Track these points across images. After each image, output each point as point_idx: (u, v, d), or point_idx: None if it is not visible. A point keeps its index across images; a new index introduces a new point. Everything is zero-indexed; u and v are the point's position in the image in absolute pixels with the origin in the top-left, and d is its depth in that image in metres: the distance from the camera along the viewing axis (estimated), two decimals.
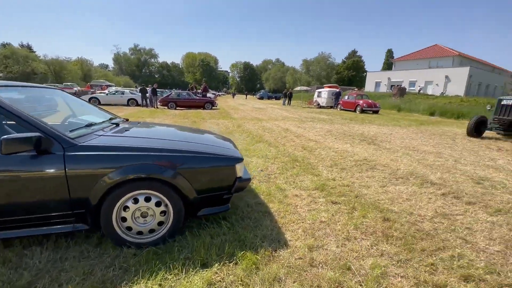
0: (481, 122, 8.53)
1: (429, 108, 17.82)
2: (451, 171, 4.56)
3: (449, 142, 7.58)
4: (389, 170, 4.47)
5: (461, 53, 35.76)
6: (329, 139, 7.47)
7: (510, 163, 5.40)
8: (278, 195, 3.26)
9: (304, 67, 75.61)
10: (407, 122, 12.50)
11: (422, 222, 2.66)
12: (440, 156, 5.73)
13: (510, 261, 2.06)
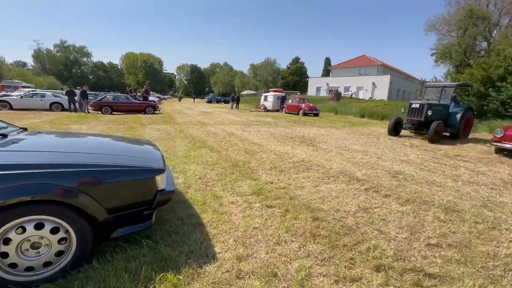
0: (398, 123, 9.92)
1: (360, 111, 20.08)
2: (374, 167, 5.12)
3: (374, 141, 8.58)
4: (323, 170, 4.77)
5: (383, 63, 41.53)
6: (272, 142, 7.67)
7: (418, 157, 6.37)
8: (213, 204, 3.12)
9: (251, 71, 77.40)
10: (342, 124, 13.80)
11: (346, 218, 2.86)
12: (366, 154, 6.41)
13: (413, 246, 2.35)
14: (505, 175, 5.02)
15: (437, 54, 30.88)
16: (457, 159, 6.40)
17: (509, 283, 1.90)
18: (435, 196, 3.64)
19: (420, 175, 4.71)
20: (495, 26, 30.02)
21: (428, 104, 9.01)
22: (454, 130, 9.39)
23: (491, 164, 5.90)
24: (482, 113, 13.18)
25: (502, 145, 6.73)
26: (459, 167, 5.48)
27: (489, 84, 12.86)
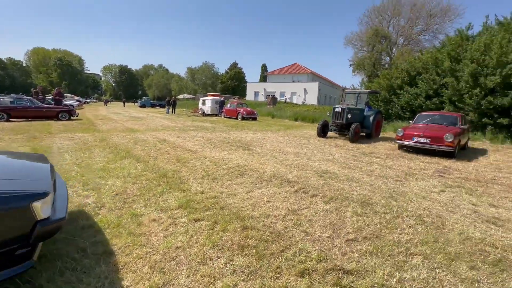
0: (325, 125, 10.92)
1: (294, 115, 21.54)
2: (304, 168, 5.40)
3: (306, 143, 9.20)
4: (257, 174, 4.76)
5: (312, 71, 45.85)
6: (207, 148, 7.38)
7: (341, 156, 7.07)
8: (130, 225, 2.69)
9: (189, 75, 74.93)
10: (278, 127, 14.47)
11: (276, 223, 2.84)
12: (298, 156, 6.77)
13: (335, 244, 2.46)
14: (405, 167, 5.98)
15: (353, 65, 35.79)
16: (371, 156, 7.35)
17: (410, 267, 2.14)
18: (354, 192, 4.02)
19: (343, 173, 5.19)
20: (394, 45, 36.75)
21: (348, 108, 10.19)
22: (368, 130, 10.87)
23: (395, 159, 6.98)
24: (388, 116, 15.77)
25: (403, 142, 8.07)
26: (372, 163, 6.28)
27: (391, 92, 15.50)
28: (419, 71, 14.40)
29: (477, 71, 11.60)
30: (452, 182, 4.86)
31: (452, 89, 12.36)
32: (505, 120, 10.94)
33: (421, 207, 3.50)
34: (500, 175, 5.65)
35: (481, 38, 12.60)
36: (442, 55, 13.57)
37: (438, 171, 5.80)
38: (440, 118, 8.78)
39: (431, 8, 34.96)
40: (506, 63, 10.83)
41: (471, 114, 11.85)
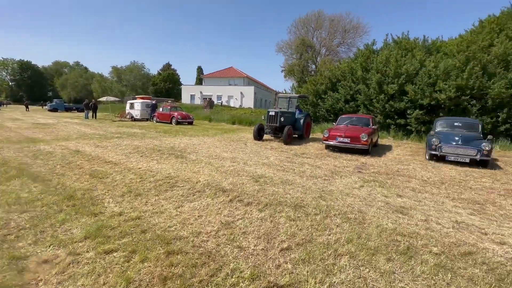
0: (260, 128, 11.17)
1: (231, 118, 21.55)
2: (240, 174, 5.27)
3: (242, 147, 9.18)
4: (189, 185, 4.39)
5: (248, 76, 47.05)
6: (133, 158, 6.52)
7: (277, 158, 7.27)
8: (6, 275, 1.99)
9: (114, 75, 67.09)
10: (215, 132, 14.14)
11: (207, 241, 2.58)
12: (235, 161, 6.64)
13: (269, 256, 2.36)
14: (332, 166, 6.53)
15: (285, 71, 38.35)
16: (303, 156, 7.80)
17: (339, 270, 2.20)
18: (288, 195, 4.09)
19: (277, 176, 5.28)
20: (318, 54, 41.06)
21: (280, 112, 10.66)
22: (300, 132, 11.62)
23: (323, 159, 7.59)
24: (316, 118, 17.36)
25: (328, 142, 8.88)
26: (304, 164, 6.64)
27: (318, 96, 17.13)
28: (338, 78, 16.31)
29: (381, 80, 13.83)
30: (368, 177, 5.51)
31: (364, 94, 14.41)
32: (402, 121, 13.37)
33: (345, 204, 3.78)
34: (402, 167, 6.75)
35: (383, 52, 15.12)
36: (356, 65, 15.72)
37: (358, 167, 6.53)
38: (357, 120, 10.03)
39: (345, 24, 40.56)
40: (401, 74, 13.25)
41: (379, 116, 14.04)
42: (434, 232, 2.98)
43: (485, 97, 11.58)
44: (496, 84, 11.10)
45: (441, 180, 5.59)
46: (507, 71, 11.32)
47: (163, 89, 69.26)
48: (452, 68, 12.06)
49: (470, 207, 3.94)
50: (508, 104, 11.11)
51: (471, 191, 4.87)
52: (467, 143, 7.36)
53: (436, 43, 15.34)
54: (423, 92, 12.51)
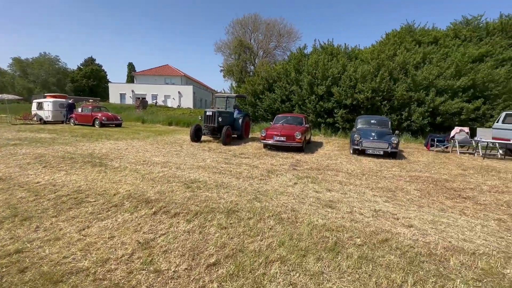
0: (198, 129, 10.61)
1: (168, 119, 20.09)
2: (170, 181, 4.75)
3: (178, 149, 8.50)
4: (104, 199, 3.67)
5: (186, 74, 44.97)
6: (32, 170, 5.23)
7: (214, 160, 6.93)
8: None
9: (16, 68, 55.17)
10: (147, 134, 12.84)
11: (115, 270, 2.09)
12: (166, 166, 6.01)
13: (192, 277, 2.05)
14: (269, 165, 6.57)
15: (224, 71, 38.09)
16: (241, 157, 7.67)
17: (269, 280, 2.04)
18: (221, 200, 3.82)
19: (212, 179, 4.96)
20: (256, 56, 42.14)
21: (218, 112, 10.33)
22: (239, 132, 11.53)
23: (261, 158, 7.61)
24: (255, 118, 17.65)
25: (266, 141, 9.00)
26: (241, 164, 6.50)
27: (256, 96, 17.44)
28: (275, 79, 16.93)
29: (312, 81, 14.92)
30: (302, 174, 5.71)
31: (298, 95, 15.32)
32: (331, 119, 14.72)
33: (280, 204, 3.74)
34: (331, 162, 7.30)
35: (312, 56, 16.36)
36: (289, 67, 16.59)
37: (293, 164, 6.75)
38: (292, 119, 10.50)
39: (280, 28, 42.76)
40: (328, 77, 14.55)
41: (311, 115, 15.13)
42: (357, 223, 3.16)
43: (392, 98, 13.69)
44: (399, 87, 13.26)
45: (362, 171, 6.22)
46: (407, 76, 13.65)
47: (86, 86, 60.50)
48: (368, 73, 13.87)
49: (385, 195, 4.42)
50: (408, 105, 13.40)
51: (385, 180, 5.53)
52: (381, 137, 8.47)
53: (355, 50, 17.45)
54: (346, 93, 14.02)
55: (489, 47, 14.24)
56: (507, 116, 9.85)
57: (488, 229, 3.20)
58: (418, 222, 3.27)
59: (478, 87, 12.49)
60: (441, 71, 13.02)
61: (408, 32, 17.04)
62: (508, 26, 15.23)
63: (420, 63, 14.07)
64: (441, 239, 2.83)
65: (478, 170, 6.93)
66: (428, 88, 13.00)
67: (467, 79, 12.40)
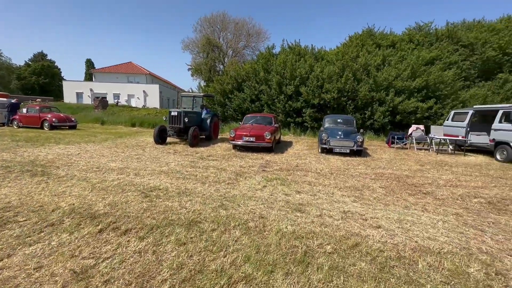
0: (163, 130, 9.94)
1: (130, 120, 18.74)
2: (125, 190, 4.23)
3: (139, 153, 7.82)
4: (38, 217, 3.08)
5: (151, 73, 42.68)
6: None
7: (178, 164, 6.45)
8: None
9: None
10: (105, 136, 11.73)
11: None
12: (123, 172, 5.42)
13: None
14: (237, 167, 6.30)
15: (192, 70, 36.90)
16: (209, 159, 7.29)
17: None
18: (183, 209, 3.46)
19: (175, 186, 4.55)
20: (225, 55, 41.51)
21: (184, 112, 9.78)
22: (207, 133, 11.06)
23: (230, 160, 7.30)
24: (225, 118, 17.24)
25: (235, 142, 8.71)
26: (209, 168, 6.13)
27: (225, 96, 17.03)
28: (244, 79, 16.69)
29: (280, 81, 14.97)
30: (271, 175, 5.53)
31: (267, 95, 15.27)
32: (300, 119, 14.91)
33: (247, 210, 3.49)
34: (300, 161, 7.26)
35: (281, 56, 16.44)
36: (258, 66, 16.47)
37: (262, 166, 6.56)
38: (261, 119, 10.34)
39: (248, 28, 42.65)
40: (296, 76, 14.71)
41: (281, 115, 15.18)
42: (327, 227, 3.03)
43: (356, 98, 14.28)
44: (363, 88, 13.87)
45: (331, 171, 6.25)
46: (369, 77, 14.34)
47: (36, 85, 54.59)
48: (333, 74, 14.29)
49: (353, 194, 4.42)
50: (371, 104, 14.08)
51: (353, 178, 5.59)
52: (347, 136, 8.68)
53: (321, 51, 17.91)
54: (314, 93, 14.29)
55: (439, 52, 15.60)
56: (455, 114, 10.80)
57: (449, 224, 3.29)
58: (385, 222, 3.26)
59: (430, 88, 13.56)
60: (398, 72, 13.90)
61: (369, 35, 17.99)
62: (453, 33, 16.84)
63: (380, 65, 14.89)
64: (408, 239, 2.81)
65: (433, 165, 7.41)
66: (388, 88, 13.79)
67: (421, 80, 13.40)
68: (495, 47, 15.30)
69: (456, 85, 13.78)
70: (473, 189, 5.09)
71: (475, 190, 5.01)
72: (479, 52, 15.76)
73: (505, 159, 8.26)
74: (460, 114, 10.53)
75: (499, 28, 16.35)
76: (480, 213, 3.78)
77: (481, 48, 15.73)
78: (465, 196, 4.64)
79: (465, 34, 16.75)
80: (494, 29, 16.39)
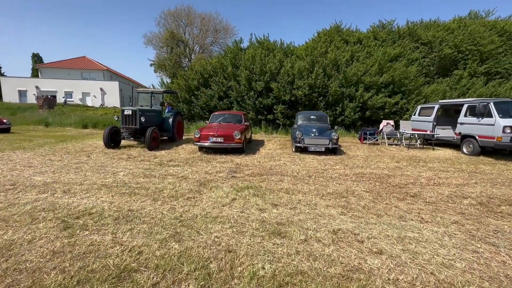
0: (115, 132, 8.49)
1: (82, 121, 16.46)
2: (38, 218, 3.04)
3: (82, 161, 6.42)
4: None
5: (109, 68, 38.96)
6: None
7: (129, 172, 5.28)
8: None
9: None
10: (43, 141, 9.82)
11: None
12: (47, 189, 4.12)
13: None
14: (202, 174, 5.32)
15: (155, 65, 34.41)
16: (169, 165, 6.19)
17: None
18: (116, 247, 2.42)
19: (115, 206, 3.45)
20: (192, 51, 39.45)
21: (140, 110, 8.45)
22: (170, 134, 9.82)
23: (194, 164, 6.28)
24: (192, 116, 15.90)
25: (201, 144, 7.68)
26: (167, 176, 5.07)
27: (191, 93, 15.69)
28: (210, 74, 15.52)
29: (250, 76, 14.12)
30: (242, 183, 4.66)
31: (236, 91, 14.32)
32: (271, 116, 14.24)
33: (210, 241, 2.58)
34: (274, 163, 6.49)
35: (249, 51, 15.58)
36: (226, 61, 15.42)
37: (231, 170, 5.66)
38: (230, 117, 9.38)
39: (215, 24, 41.06)
40: (265, 72, 13.98)
41: (251, 112, 14.36)
42: (318, 262, 2.26)
43: (327, 94, 14.02)
44: (333, 83, 13.64)
45: (308, 173, 5.57)
46: (338, 73, 14.16)
47: None
48: (304, 69, 13.84)
49: (338, 204, 3.74)
50: (341, 100, 13.92)
51: (333, 181, 4.97)
52: (321, 134, 8.15)
53: (290, 47, 17.43)
54: (285, 89, 13.70)
55: (401, 49, 16.02)
56: (422, 109, 10.95)
57: (456, 240, 2.74)
58: (386, 244, 2.59)
59: (396, 84, 13.78)
60: (367, 68, 13.91)
61: (337, 31, 17.95)
62: (413, 31, 17.48)
63: (349, 61, 14.81)
64: (422, 271, 2.15)
65: (409, 162, 7.16)
66: (357, 84, 13.73)
67: (388, 76, 13.54)
68: (451, 45, 16.14)
69: (419, 81, 14.21)
70: (457, 188, 4.76)
71: (459, 189, 4.68)
72: (437, 49, 16.54)
73: (471, 153, 8.39)
74: (426, 109, 10.68)
75: (453, 27, 17.34)
76: (479, 219, 3.33)
77: (438, 46, 16.51)
78: (453, 196, 4.24)
79: (424, 32, 17.49)
80: (449, 28, 17.34)
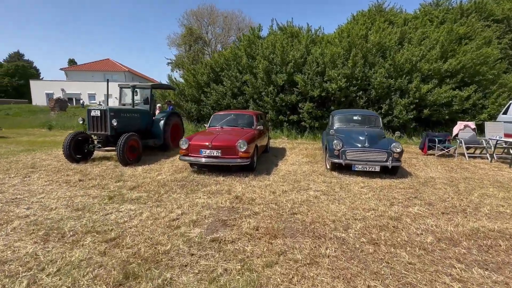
0: (84, 140, 6.35)
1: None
2: None
3: (7, 183, 4.24)
4: None
5: (130, 69, 38.69)
6: None
7: (34, 221, 2.91)
8: None
9: None
10: (4, 150, 8.03)
11: None
12: None
13: None
14: (164, 224, 2.76)
15: (172, 64, 33.20)
16: (126, 197, 3.79)
17: None
18: None
19: None
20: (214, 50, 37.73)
21: (112, 109, 6.18)
22: (160, 141, 7.47)
23: (167, 197, 3.78)
24: (202, 118, 13.51)
25: (189, 159, 5.17)
26: (86, 236, 2.60)
27: (200, 89, 13.38)
28: (222, 68, 13.08)
29: (269, 68, 11.39)
30: (225, 266, 2.01)
31: (252, 86, 11.68)
32: (295, 117, 11.38)
33: None
34: (300, 195, 3.72)
35: (269, 38, 12.88)
36: (240, 51, 12.87)
37: (218, 222, 3.03)
38: (236, 118, 6.72)
39: (238, 22, 38.98)
40: (288, 61, 11.16)
41: (270, 112, 11.63)
42: None
43: (368, 88, 10.83)
44: (377, 73, 10.42)
45: (365, 226, 2.74)
46: (384, 60, 10.89)
47: (8, 86, 50.40)
48: (338, 56, 10.79)
49: None
50: (388, 95, 10.65)
51: (429, 259, 2.10)
52: (374, 144, 5.22)
53: (318, 34, 14.36)
54: (313, 82, 10.78)
55: (468, 28, 12.20)
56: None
57: None
58: None
59: (468, 71, 10.16)
60: (424, 52, 10.48)
61: (378, 11, 14.56)
62: (482, 5, 13.51)
63: (397, 45, 11.44)
64: None
65: None
66: (411, 73, 10.37)
67: (455, 61, 10.00)
68: None
69: (501, 67, 10.43)
70: None
71: None
72: None
73: None
74: None
75: None
76: None
77: None
78: None
79: (498, 6, 13.43)
80: None
